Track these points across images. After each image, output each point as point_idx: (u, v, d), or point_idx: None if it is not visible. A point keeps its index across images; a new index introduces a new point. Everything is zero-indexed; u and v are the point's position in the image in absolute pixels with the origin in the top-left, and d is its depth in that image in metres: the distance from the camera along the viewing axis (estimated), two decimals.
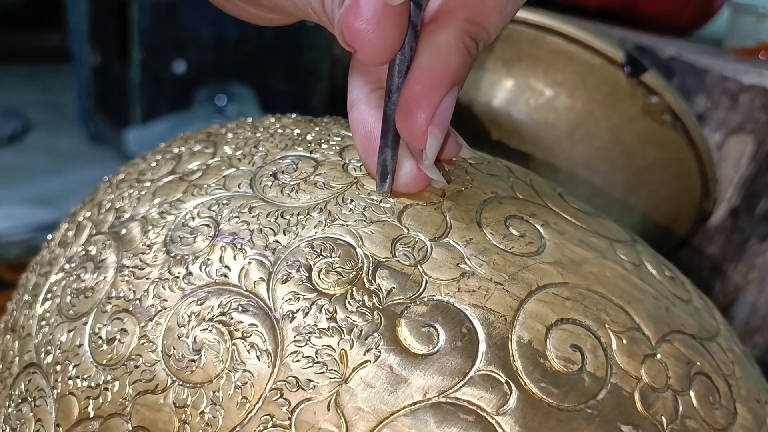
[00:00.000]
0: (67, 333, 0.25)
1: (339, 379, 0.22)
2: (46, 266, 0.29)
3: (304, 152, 0.28)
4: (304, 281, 0.23)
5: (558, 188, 0.30)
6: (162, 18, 0.85)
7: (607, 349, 0.24)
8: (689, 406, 0.24)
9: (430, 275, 0.23)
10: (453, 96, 0.23)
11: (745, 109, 0.46)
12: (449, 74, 0.23)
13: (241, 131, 0.30)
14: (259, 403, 0.22)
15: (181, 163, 0.29)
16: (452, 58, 0.23)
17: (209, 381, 0.22)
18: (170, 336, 0.23)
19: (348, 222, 0.24)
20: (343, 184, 0.26)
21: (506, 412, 0.22)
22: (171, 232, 0.26)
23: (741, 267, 0.49)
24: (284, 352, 0.22)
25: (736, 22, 0.60)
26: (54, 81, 1.25)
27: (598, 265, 0.26)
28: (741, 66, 0.50)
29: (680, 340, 0.25)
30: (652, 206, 0.45)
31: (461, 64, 0.23)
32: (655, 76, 0.41)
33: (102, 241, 0.27)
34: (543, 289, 0.24)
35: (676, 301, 0.27)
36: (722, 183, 0.48)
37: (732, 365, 0.27)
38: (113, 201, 0.29)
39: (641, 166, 0.43)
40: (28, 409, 0.25)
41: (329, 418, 0.21)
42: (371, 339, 0.22)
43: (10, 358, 0.27)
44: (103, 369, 0.24)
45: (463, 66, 0.23)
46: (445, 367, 0.22)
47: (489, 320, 0.23)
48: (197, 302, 0.24)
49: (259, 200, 0.26)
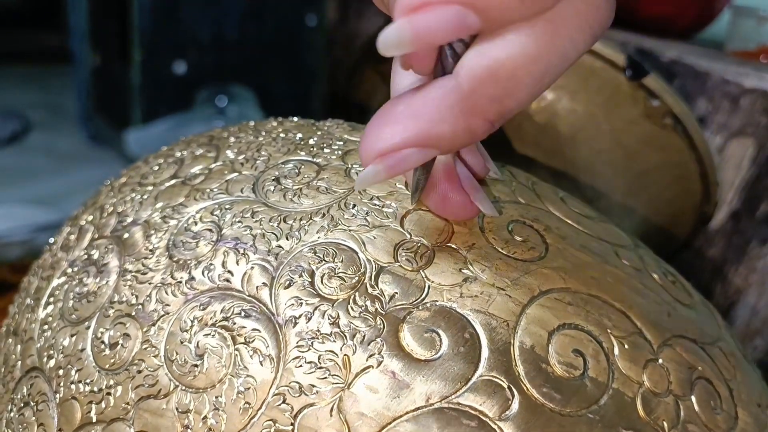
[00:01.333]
0: (70, 337, 0.25)
1: (342, 384, 0.22)
2: (49, 270, 0.29)
3: (307, 157, 0.28)
4: (306, 286, 0.23)
5: (560, 192, 0.30)
6: (162, 19, 0.85)
7: (609, 354, 0.24)
8: (691, 411, 0.24)
9: (432, 280, 0.23)
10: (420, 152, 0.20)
11: (745, 112, 0.46)
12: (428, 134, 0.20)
13: (243, 135, 0.30)
14: (262, 409, 0.22)
15: (183, 167, 0.29)
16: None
17: (212, 386, 0.22)
18: (173, 341, 0.23)
19: (350, 227, 0.24)
20: (346, 188, 0.26)
21: (508, 418, 0.22)
22: (173, 236, 0.26)
23: (742, 270, 0.49)
24: (287, 358, 0.22)
25: (737, 25, 0.60)
26: (54, 81, 1.25)
27: (600, 270, 0.26)
28: (742, 69, 0.50)
29: (682, 344, 0.26)
30: (653, 209, 0.45)
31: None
32: (656, 80, 0.41)
33: (104, 245, 0.27)
34: (545, 294, 0.24)
35: (678, 306, 0.27)
36: (723, 186, 0.48)
37: (733, 370, 0.27)
38: (115, 205, 0.29)
39: (642, 169, 0.43)
40: (31, 413, 0.25)
41: (332, 423, 0.21)
42: (374, 344, 0.22)
43: (12, 362, 0.27)
44: (105, 373, 0.24)
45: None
46: (448, 373, 0.22)
47: (491, 325, 0.23)
48: (200, 307, 0.24)
49: (261, 205, 0.26)
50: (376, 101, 0.52)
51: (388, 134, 0.20)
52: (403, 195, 0.26)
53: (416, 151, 0.20)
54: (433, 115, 0.20)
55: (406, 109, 0.20)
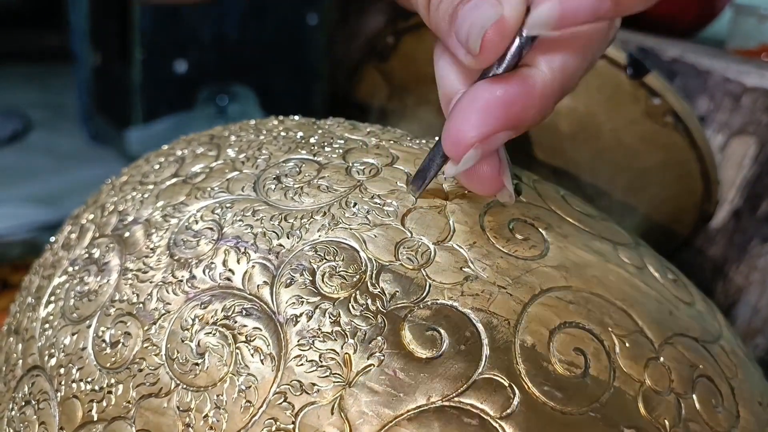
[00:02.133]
0: (71, 336, 0.25)
1: (343, 383, 0.22)
2: (50, 269, 0.29)
3: (308, 155, 0.28)
4: (307, 285, 0.23)
5: (561, 191, 0.30)
6: (163, 18, 0.85)
7: (611, 352, 0.24)
8: (692, 409, 0.24)
9: (433, 279, 0.23)
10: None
11: (747, 111, 0.46)
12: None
13: (244, 134, 0.30)
14: (263, 407, 0.22)
15: (184, 165, 0.29)
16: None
17: (213, 384, 0.22)
18: (174, 339, 0.23)
19: (351, 225, 0.24)
20: (347, 187, 0.26)
21: (510, 416, 0.22)
22: (174, 235, 0.26)
23: (743, 268, 0.49)
24: (288, 356, 0.22)
25: (739, 23, 0.60)
26: (55, 81, 1.24)
27: (601, 269, 0.26)
28: (743, 67, 0.50)
29: (683, 343, 0.26)
30: (653, 208, 0.45)
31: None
32: (657, 78, 0.41)
33: (105, 244, 0.27)
34: (546, 293, 0.24)
35: (679, 304, 0.27)
36: (724, 185, 0.48)
37: (734, 368, 0.27)
38: (116, 203, 0.29)
39: (643, 167, 0.43)
40: (32, 411, 0.25)
41: (333, 422, 0.21)
42: (375, 343, 0.22)
43: (13, 360, 0.27)
44: (106, 372, 0.24)
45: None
46: (449, 371, 0.22)
47: (492, 324, 0.23)
48: (201, 306, 0.24)
49: (262, 203, 0.26)
50: (377, 100, 0.52)
51: (481, 120, 0.22)
52: (403, 193, 0.26)
53: (505, 133, 0.23)
54: (526, 102, 0.22)
55: (494, 98, 0.22)
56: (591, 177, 0.42)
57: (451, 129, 0.23)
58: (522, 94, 0.22)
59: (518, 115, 0.22)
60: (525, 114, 0.23)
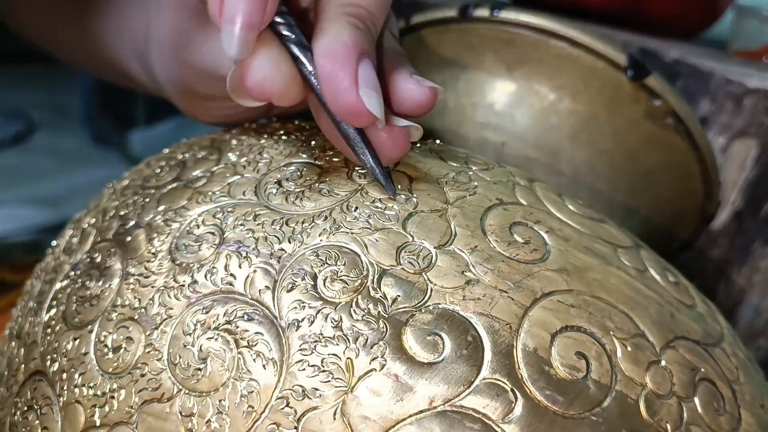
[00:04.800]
0: (73, 341, 0.25)
1: (345, 387, 0.22)
2: (51, 273, 0.29)
3: (309, 159, 0.28)
4: (309, 289, 0.23)
5: (562, 194, 0.30)
6: None
7: (612, 356, 0.24)
8: (694, 412, 0.24)
9: (435, 283, 0.23)
10: (367, 65, 0.24)
11: (749, 113, 0.46)
12: (348, 48, 0.24)
13: (245, 137, 0.30)
14: (265, 412, 0.22)
15: (185, 170, 0.29)
16: (343, 34, 0.24)
17: (215, 390, 0.22)
18: (176, 344, 0.23)
19: (353, 230, 0.24)
20: (348, 191, 0.26)
21: (512, 420, 0.22)
22: (176, 239, 0.26)
23: (745, 270, 0.49)
24: (290, 361, 0.22)
25: (741, 25, 0.60)
26: (58, 82, 1.24)
27: (602, 272, 0.26)
28: (745, 69, 0.50)
29: (685, 346, 0.26)
30: (655, 209, 0.45)
31: (356, 37, 0.24)
32: (658, 80, 0.41)
33: (107, 248, 0.27)
34: (548, 297, 0.24)
35: (681, 307, 0.27)
36: (726, 186, 0.48)
37: (736, 371, 0.27)
38: (118, 208, 0.29)
39: (644, 169, 0.43)
40: (34, 416, 0.25)
41: (335, 426, 0.21)
42: (377, 347, 0.22)
43: (15, 365, 0.27)
44: (108, 377, 0.24)
45: (358, 38, 0.24)
46: (451, 376, 0.22)
47: (494, 328, 0.23)
48: (203, 311, 0.24)
49: (264, 208, 0.26)
50: None
51: (342, 74, 0.24)
52: (404, 197, 0.26)
53: (361, 65, 0.24)
54: (333, 42, 0.24)
55: (325, 59, 0.24)
56: (591, 179, 0.42)
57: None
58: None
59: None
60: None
